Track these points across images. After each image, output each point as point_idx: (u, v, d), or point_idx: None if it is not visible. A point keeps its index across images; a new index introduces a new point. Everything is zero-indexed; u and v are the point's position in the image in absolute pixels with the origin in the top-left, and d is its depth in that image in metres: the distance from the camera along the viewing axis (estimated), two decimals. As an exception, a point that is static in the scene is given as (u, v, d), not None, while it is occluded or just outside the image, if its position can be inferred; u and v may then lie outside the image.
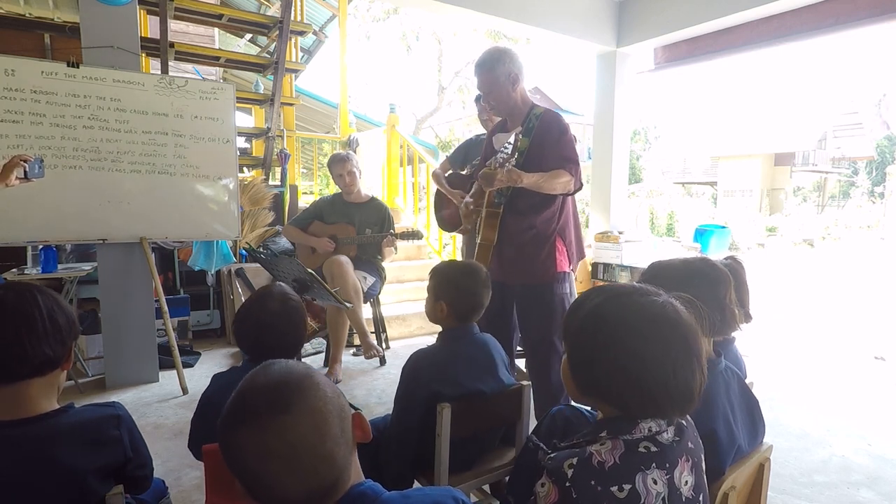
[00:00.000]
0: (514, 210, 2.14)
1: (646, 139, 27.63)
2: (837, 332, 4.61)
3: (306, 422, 0.63)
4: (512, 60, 2.10)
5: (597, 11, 4.31)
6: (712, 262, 1.21)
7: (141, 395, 2.83)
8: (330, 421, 0.65)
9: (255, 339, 1.29)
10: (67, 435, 0.95)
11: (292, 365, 0.69)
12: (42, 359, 0.94)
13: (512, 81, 2.10)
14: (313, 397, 0.65)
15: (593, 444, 0.80)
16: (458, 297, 1.47)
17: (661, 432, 0.80)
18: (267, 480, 0.62)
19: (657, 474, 0.77)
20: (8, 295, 0.96)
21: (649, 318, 0.80)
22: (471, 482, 1.44)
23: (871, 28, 3.40)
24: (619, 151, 4.69)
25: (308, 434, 0.62)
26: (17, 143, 2.57)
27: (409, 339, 3.99)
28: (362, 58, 32.79)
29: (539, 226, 2.11)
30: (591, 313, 0.84)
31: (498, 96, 2.13)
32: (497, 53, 2.11)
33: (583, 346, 0.84)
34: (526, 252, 2.12)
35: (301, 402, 0.63)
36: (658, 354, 0.78)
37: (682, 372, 0.78)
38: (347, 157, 3.26)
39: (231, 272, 3.93)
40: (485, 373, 1.44)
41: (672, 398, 0.78)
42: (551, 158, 2.04)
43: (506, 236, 2.15)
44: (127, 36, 2.82)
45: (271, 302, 1.31)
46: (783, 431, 2.46)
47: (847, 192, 24.60)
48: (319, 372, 0.69)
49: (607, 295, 0.85)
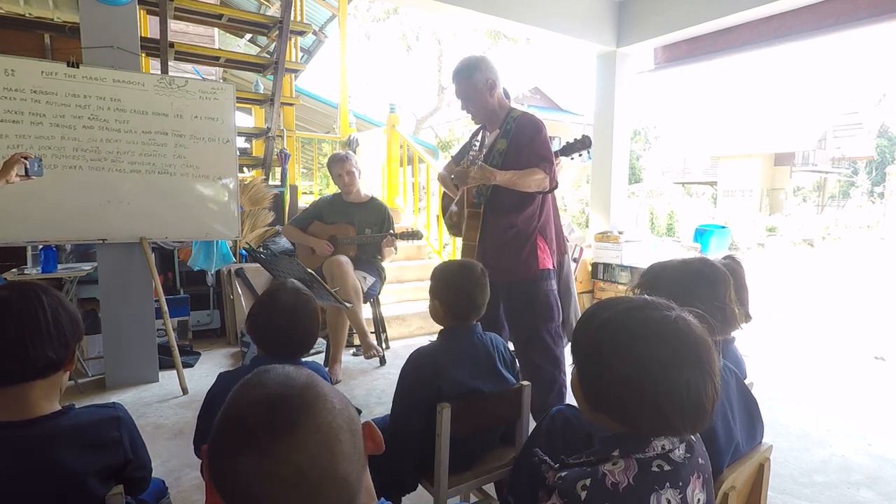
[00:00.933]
0: (495, 209, 2.20)
1: (646, 139, 27.62)
2: (837, 332, 4.60)
3: (314, 441, 0.54)
4: (488, 67, 2.17)
5: (597, 11, 4.31)
6: (711, 262, 1.21)
7: (141, 395, 2.83)
8: (341, 437, 0.56)
9: (267, 332, 1.30)
10: (68, 437, 0.95)
11: (291, 373, 0.59)
12: (45, 361, 0.94)
13: (489, 87, 2.17)
14: (320, 412, 0.56)
15: (605, 462, 0.78)
16: (451, 296, 1.47)
17: (674, 449, 0.79)
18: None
19: (671, 494, 0.76)
20: (12, 295, 0.95)
21: (661, 333, 0.78)
22: (471, 482, 1.44)
23: (871, 28, 3.40)
24: (619, 151, 4.68)
25: (317, 455, 0.54)
26: (17, 143, 2.57)
27: (409, 339, 3.99)
28: (362, 58, 32.85)
29: (520, 224, 2.17)
30: (602, 327, 0.81)
31: (476, 102, 2.19)
32: (474, 61, 2.17)
33: (592, 360, 0.82)
34: (508, 250, 2.17)
35: (306, 418, 0.54)
36: (669, 371, 0.75)
37: (695, 389, 0.76)
38: (346, 157, 3.26)
39: (231, 272, 3.93)
40: (484, 372, 1.44)
41: (684, 416, 0.76)
42: (526, 157, 2.11)
43: (488, 236, 2.21)
44: (127, 36, 2.82)
45: (284, 296, 1.32)
46: (783, 431, 2.45)
47: (847, 192, 24.59)
48: (322, 379, 0.61)
49: (618, 309, 0.83)
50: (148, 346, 3.02)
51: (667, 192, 18.03)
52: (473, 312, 1.49)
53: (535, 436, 1.35)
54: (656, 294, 0.93)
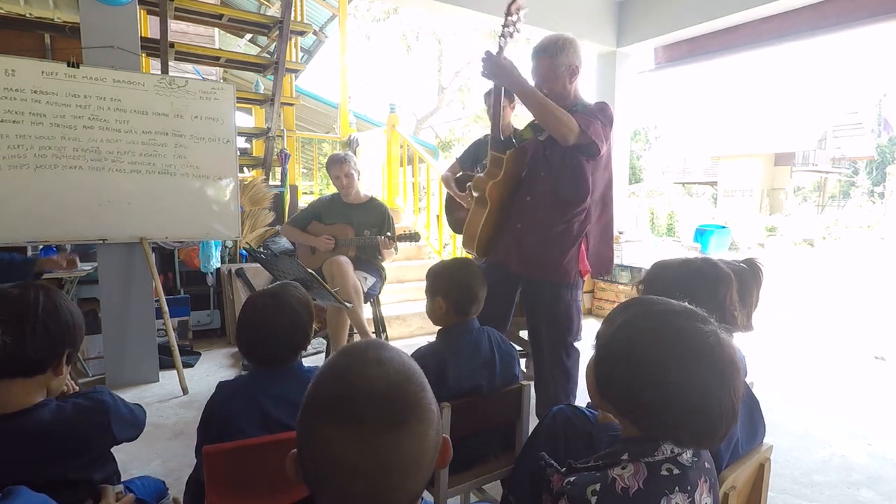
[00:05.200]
0: (541, 194, 1.98)
1: (646, 139, 27.62)
2: (838, 332, 4.60)
3: (408, 446, 0.54)
4: (576, 52, 1.96)
5: (597, 11, 4.31)
6: (713, 261, 1.20)
7: (141, 395, 2.83)
8: (426, 446, 0.56)
9: (252, 345, 1.23)
10: (49, 430, 0.97)
11: (409, 369, 0.59)
12: (25, 360, 0.96)
13: (571, 73, 1.97)
14: (423, 420, 0.56)
15: (614, 467, 0.78)
16: (454, 291, 1.48)
17: (682, 453, 0.79)
18: (340, 486, 0.54)
19: (680, 498, 0.76)
20: (13, 291, 0.98)
21: (693, 347, 0.75)
22: (471, 482, 1.44)
23: (871, 28, 3.40)
24: (619, 151, 4.68)
25: (405, 458, 0.55)
26: (17, 143, 2.57)
27: (409, 338, 3.99)
28: (362, 58, 32.77)
29: (573, 222, 1.98)
30: (630, 325, 0.81)
31: (552, 86, 1.96)
32: (561, 42, 1.95)
33: (617, 355, 0.81)
34: (552, 247, 1.98)
35: (413, 422, 0.55)
36: (694, 384, 0.74)
37: (718, 405, 0.73)
38: (345, 159, 3.20)
39: (231, 272, 3.94)
40: (486, 366, 1.45)
41: (691, 427, 0.75)
42: (578, 116, 1.87)
43: (526, 221, 2.01)
44: (127, 36, 2.82)
45: (261, 299, 1.26)
46: (783, 431, 2.45)
47: (847, 192, 24.59)
48: (429, 386, 0.60)
49: (655, 309, 0.81)
50: (148, 346, 3.02)
51: (667, 191, 18.05)
52: (475, 306, 1.50)
53: (536, 436, 1.34)
54: (655, 291, 0.92)
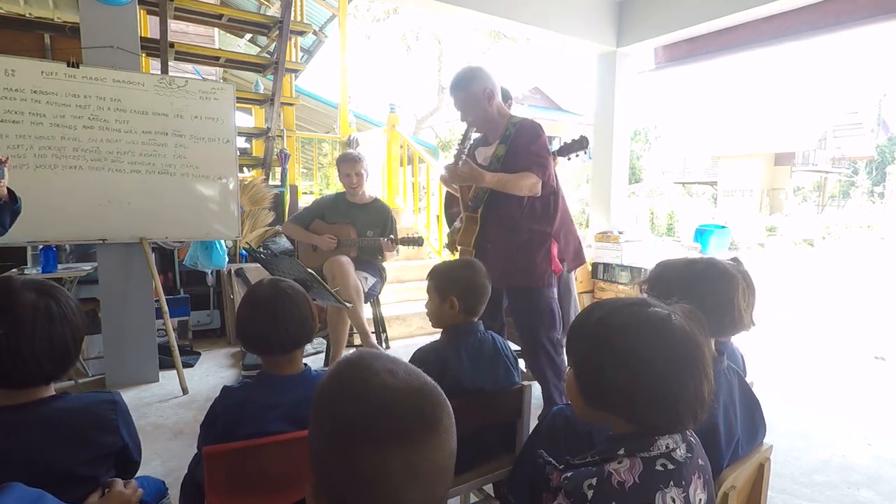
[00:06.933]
0: (499, 215, 2.16)
1: (646, 139, 27.61)
2: (837, 332, 4.60)
3: (445, 441, 0.56)
4: (484, 76, 2.15)
5: (597, 11, 4.31)
6: (718, 262, 1.20)
7: (141, 395, 2.83)
8: (454, 435, 0.58)
9: (253, 334, 1.22)
10: (62, 420, 0.97)
11: (416, 370, 0.61)
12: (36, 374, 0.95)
13: (487, 97, 2.15)
14: (450, 413, 0.59)
15: (610, 462, 0.79)
16: (466, 291, 1.47)
17: (676, 449, 0.80)
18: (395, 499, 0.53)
19: (675, 492, 0.77)
20: (19, 288, 0.97)
21: (657, 329, 0.80)
22: (471, 482, 1.44)
23: (871, 28, 3.40)
24: (619, 151, 4.68)
25: (448, 455, 0.56)
26: (17, 143, 2.57)
27: (409, 338, 3.99)
28: (362, 58, 32.80)
29: (535, 229, 2.16)
30: (599, 323, 0.84)
31: (476, 113, 2.17)
32: (470, 72, 2.17)
33: (590, 354, 0.84)
34: (519, 255, 2.15)
35: (444, 417, 0.57)
36: (670, 365, 0.78)
37: (691, 378, 0.78)
38: (359, 159, 3.27)
39: (231, 272, 3.93)
40: (489, 369, 1.45)
41: (687, 408, 0.78)
42: (523, 160, 2.10)
43: (490, 240, 2.19)
44: (127, 36, 2.82)
45: (261, 292, 1.24)
46: (783, 431, 2.45)
47: (847, 192, 24.59)
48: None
49: (614, 306, 0.85)
50: (148, 346, 3.01)
51: (667, 191, 18.07)
52: (483, 306, 1.50)
53: (536, 435, 1.34)
54: (659, 291, 0.92)
